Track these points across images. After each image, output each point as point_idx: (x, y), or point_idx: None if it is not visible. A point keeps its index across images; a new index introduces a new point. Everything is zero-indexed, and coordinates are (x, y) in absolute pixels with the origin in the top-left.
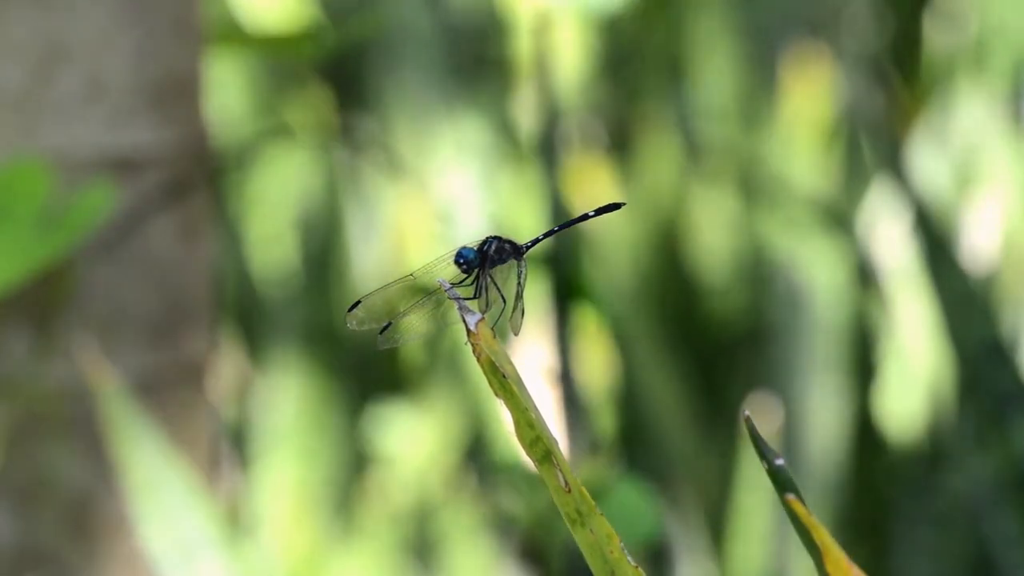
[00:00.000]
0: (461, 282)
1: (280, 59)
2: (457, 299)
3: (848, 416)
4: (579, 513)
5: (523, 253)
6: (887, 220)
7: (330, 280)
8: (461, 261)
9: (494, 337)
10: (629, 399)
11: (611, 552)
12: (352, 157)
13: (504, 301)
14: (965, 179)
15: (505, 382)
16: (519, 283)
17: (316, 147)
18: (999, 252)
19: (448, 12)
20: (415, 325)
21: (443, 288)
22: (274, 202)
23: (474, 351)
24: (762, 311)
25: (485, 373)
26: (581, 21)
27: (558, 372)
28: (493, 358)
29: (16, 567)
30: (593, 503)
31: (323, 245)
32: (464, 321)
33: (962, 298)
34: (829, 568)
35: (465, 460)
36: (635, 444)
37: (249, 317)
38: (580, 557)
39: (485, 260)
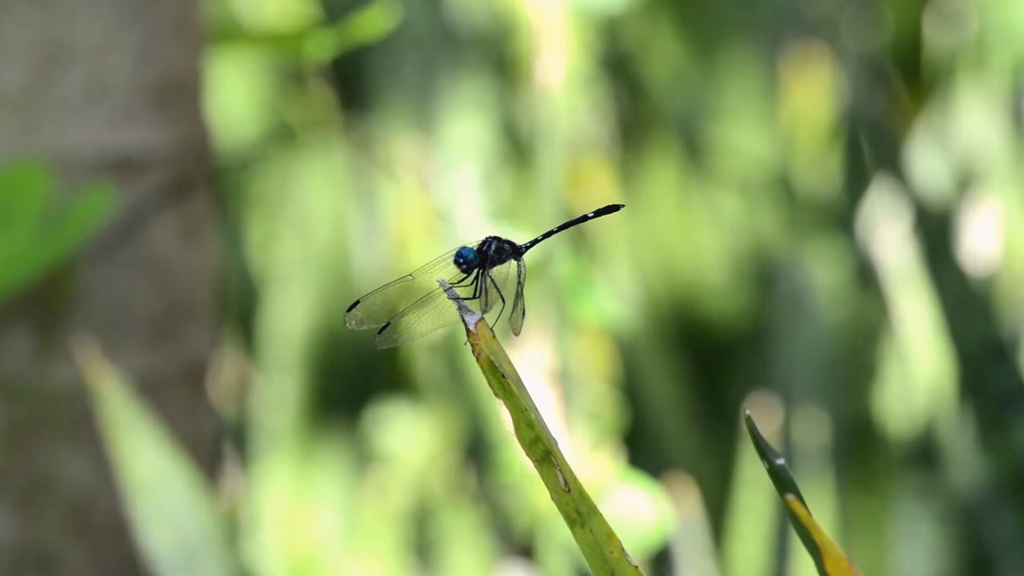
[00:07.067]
0: (460, 282)
1: (281, 59)
2: (457, 299)
3: (848, 416)
4: (579, 513)
5: (523, 253)
6: (887, 220)
7: (330, 280)
8: (461, 261)
9: (493, 337)
10: (629, 399)
11: (611, 552)
12: (353, 157)
13: (504, 301)
14: (965, 179)
15: (505, 382)
16: (519, 283)
17: (317, 147)
18: (999, 252)
19: (448, 12)
20: (414, 325)
21: (443, 288)
22: (274, 202)
23: (474, 351)
24: (762, 311)
25: (485, 373)
26: (581, 21)
27: (558, 372)
28: (493, 358)
29: (16, 567)
30: (593, 503)
31: (324, 245)
32: (463, 321)
33: (962, 298)
34: (829, 568)
35: (465, 460)
36: (635, 444)
37: (249, 317)
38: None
39: (485, 260)
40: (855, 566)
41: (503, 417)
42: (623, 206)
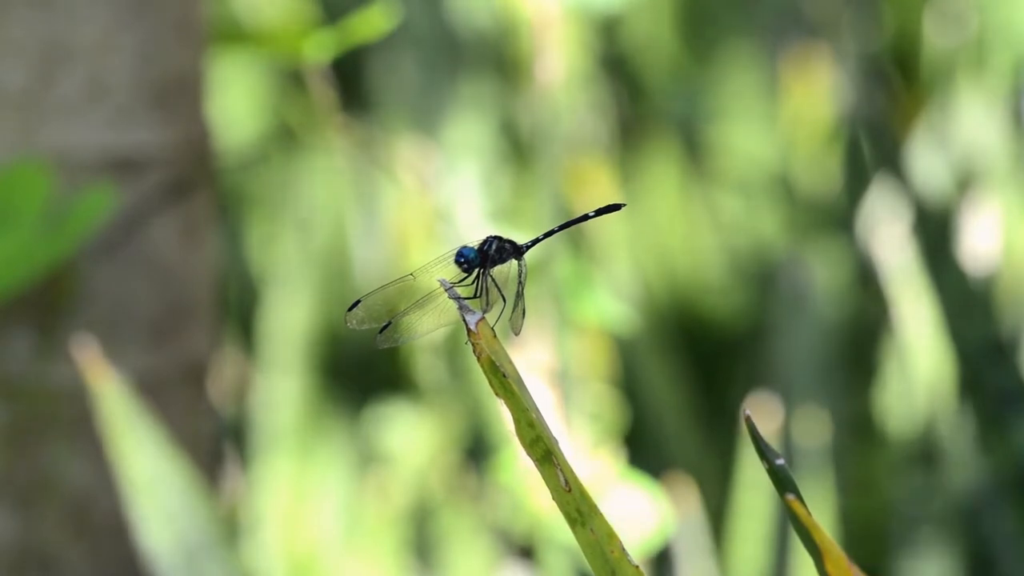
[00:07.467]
0: (461, 281)
1: (281, 59)
2: (457, 299)
3: (848, 416)
4: (580, 513)
5: (523, 253)
6: (887, 220)
7: (330, 280)
8: (461, 260)
9: (494, 336)
10: (629, 399)
11: (612, 552)
12: (353, 157)
13: (504, 301)
14: (965, 179)
15: (505, 382)
16: (519, 283)
17: (317, 147)
18: (999, 252)
19: (448, 12)
20: (415, 325)
21: (443, 288)
22: (274, 202)
23: (474, 351)
24: (762, 311)
25: (485, 373)
26: (581, 21)
27: (558, 372)
28: (493, 358)
29: (17, 567)
30: (594, 502)
31: (324, 245)
32: (464, 321)
33: (962, 298)
34: (829, 568)
35: (465, 460)
36: (635, 444)
37: (249, 317)
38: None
39: (485, 260)
40: (855, 566)
41: (504, 417)
42: (624, 205)
